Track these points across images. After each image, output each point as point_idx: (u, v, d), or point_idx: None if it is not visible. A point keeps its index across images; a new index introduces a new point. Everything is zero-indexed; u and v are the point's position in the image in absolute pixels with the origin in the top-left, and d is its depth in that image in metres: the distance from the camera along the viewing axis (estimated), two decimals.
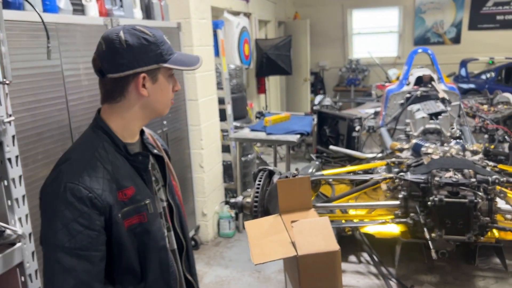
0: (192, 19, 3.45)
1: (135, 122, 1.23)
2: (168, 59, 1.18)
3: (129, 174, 1.19)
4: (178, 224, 1.39)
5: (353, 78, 8.73)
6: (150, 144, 1.33)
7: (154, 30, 1.19)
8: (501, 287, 1.89)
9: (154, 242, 1.22)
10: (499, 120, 3.19)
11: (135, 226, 1.18)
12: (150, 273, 1.22)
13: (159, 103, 1.22)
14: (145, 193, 1.22)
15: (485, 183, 1.81)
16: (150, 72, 1.17)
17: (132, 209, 1.17)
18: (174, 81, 1.24)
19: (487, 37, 8.42)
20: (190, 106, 3.56)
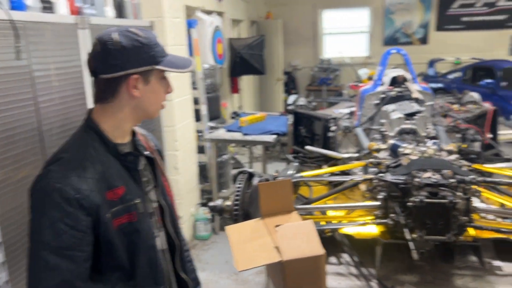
0: (166, 18, 3.38)
1: (126, 123, 1.24)
2: (161, 61, 1.19)
3: (119, 174, 1.21)
4: (170, 225, 1.40)
5: (325, 78, 8.81)
6: (141, 146, 1.33)
7: (148, 33, 1.21)
8: (479, 284, 1.92)
9: (144, 241, 1.24)
10: (470, 119, 3.27)
11: (124, 225, 1.19)
12: (139, 271, 1.24)
13: (150, 105, 1.23)
14: (135, 193, 1.23)
15: (463, 183, 1.84)
16: (143, 74, 1.18)
17: (122, 209, 1.18)
18: (167, 83, 1.25)
19: (453, 37, 8.66)
20: None
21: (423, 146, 2.32)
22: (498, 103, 6.02)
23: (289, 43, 8.87)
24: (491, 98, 6.34)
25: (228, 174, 4.91)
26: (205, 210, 4.06)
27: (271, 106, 8.09)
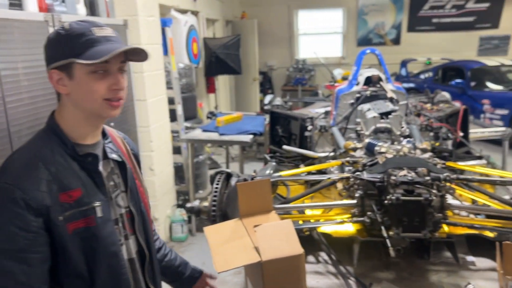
0: (140, 16, 3.33)
1: (78, 123, 1.17)
2: (81, 53, 1.08)
3: (77, 176, 1.14)
4: (141, 233, 1.34)
5: (300, 78, 8.87)
6: (110, 148, 1.27)
7: (76, 23, 1.12)
8: (453, 279, 1.96)
9: (103, 248, 1.17)
10: (442, 118, 3.34)
11: (81, 230, 1.13)
12: (98, 280, 1.18)
13: (84, 102, 1.14)
14: (94, 196, 1.16)
15: (437, 180, 1.87)
16: (63, 68, 1.11)
17: (78, 212, 1.12)
18: (110, 77, 1.13)
19: (424, 38, 8.87)
20: (138, 107, 3.42)
21: (398, 145, 2.35)
22: (467, 102, 6.20)
23: (264, 43, 8.89)
24: (461, 97, 6.53)
25: (204, 174, 4.87)
26: (181, 211, 4.02)
27: (247, 106, 8.09)
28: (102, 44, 1.11)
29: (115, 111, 1.18)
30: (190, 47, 5.55)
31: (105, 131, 1.30)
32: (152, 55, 3.55)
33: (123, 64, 1.17)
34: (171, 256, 1.61)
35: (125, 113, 3.26)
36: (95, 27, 1.12)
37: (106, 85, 1.13)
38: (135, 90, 3.36)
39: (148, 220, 1.40)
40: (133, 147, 1.45)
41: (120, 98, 1.17)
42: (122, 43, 1.17)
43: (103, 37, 1.11)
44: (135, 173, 1.38)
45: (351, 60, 8.99)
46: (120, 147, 1.37)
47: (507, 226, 2.04)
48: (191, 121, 4.83)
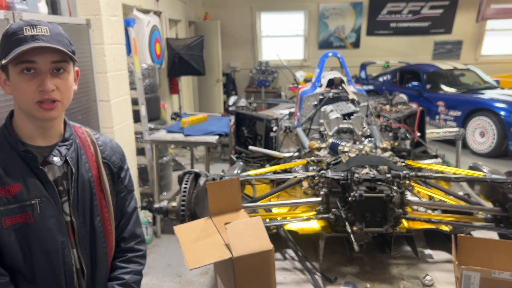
0: (103, 16, 3.27)
1: (23, 123, 1.18)
2: (7, 53, 1.09)
3: (19, 172, 1.15)
4: (85, 247, 1.28)
5: (263, 80, 8.96)
6: (58, 151, 1.22)
7: (17, 23, 1.12)
8: (413, 272, 2.06)
9: (40, 245, 1.18)
10: (400, 119, 3.49)
11: (19, 226, 1.14)
12: (38, 276, 1.20)
13: (19, 102, 1.15)
14: (35, 193, 1.16)
15: (397, 178, 1.97)
16: (3, 69, 1.14)
17: (16, 208, 1.14)
18: (37, 78, 1.11)
19: (382, 42, 9.18)
20: (102, 107, 3.36)
21: (360, 144, 2.44)
22: (423, 104, 6.49)
23: (227, 45, 8.91)
24: (417, 99, 6.81)
25: (168, 176, 4.84)
26: (145, 213, 3.97)
27: (211, 107, 8.09)
28: (27, 43, 1.08)
29: (49, 114, 1.14)
30: (153, 48, 5.50)
31: (66, 134, 1.26)
32: (115, 55, 3.52)
33: (58, 64, 1.13)
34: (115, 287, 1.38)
35: (88, 114, 3.20)
36: (29, 26, 1.10)
37: (34, 86, 1.11)
38: (98, 90, 3.31)
39: (104, 237, 1.32)
40: (110, 156, 1.37)
41: (53, 100, 1.13)
42: (56, 42, 1.12)
43: (31, 36, 1.09)
44: (99, 184, 1.31)
45: (312, 62, 9.17)
46: (88, 153, 1.31)
47: (461, 220, 2.17)
48: (154, 122, 4.79)
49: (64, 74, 1.16)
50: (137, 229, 1.46)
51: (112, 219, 1.36)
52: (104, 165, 1.34)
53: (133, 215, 1.45)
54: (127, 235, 1.42)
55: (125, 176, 1.42)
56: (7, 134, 1.18)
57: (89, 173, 1.29)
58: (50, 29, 1.13)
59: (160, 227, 4.06)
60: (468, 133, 6.28)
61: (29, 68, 1.10)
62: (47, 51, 1.10)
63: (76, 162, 1.26)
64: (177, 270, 3.52)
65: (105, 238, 1.33)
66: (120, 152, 1.43)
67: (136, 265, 1.42)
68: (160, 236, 4.05)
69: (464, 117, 6.33)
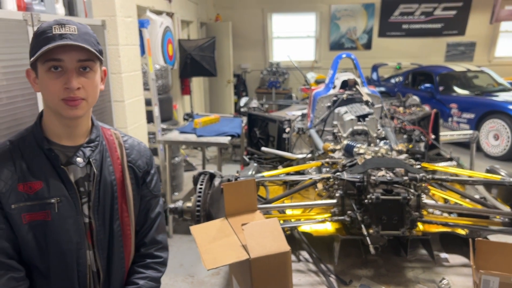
0: (118, 17, 3.30)
1: (51, 121, 1.20)
2: (36, 51, 1.11)
3: (42, 169, 1.17)
4: (103, 251, 1.28)
5: (274, 81, 8.95)
6: (83, 152, 1.23)
7: (47, 22, 1.14)
8: (428, 275, 2.04)
9: (56, 244, 1.19)
10: (414, 121, 3.46)
11: (37, 223, 1.16)
12: (53, 275, 1.21)
13: (46, 100, 1.17)
14: (55, 192, 1.17)
15: (414, 180, 1.95)
16: (33, 67, 1.15)
17: (36, 205, 1.15)
18: (64, 76, 1.12)
19: (394, 44, 9.12)
20: (116, 108, 3.39)
21: (376, 146, 2.43)
22: (436, 106, 6.43)
23: (238, 46, 8.93)
24: (430, 101, 6.75)
25: (180, 176, 4.86)
26: None
27: (222, 108, 8.10)
28: (55, 41, 1.09)
29: (73, 111, 1.15)
30: (165, 49, 5.52)
31: (92, 136, 1.26)
32: (130, 56, 3.55)
33: (85, 63, 1.14)
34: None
35: (103, 114, 3.22)
36: (58, 25, 1.12)
37: (61, 84, 1.12)
38: (113, 90, 3.33)
39: (122, 242, 1.31)
40: (136, 160, 1.35)
41: (76, 98, 1.14)
42: (84, 41, 1.13)
43: (59, 34, 1.10)
44: (121, 187, 1.30)
45: (323, 64, 9.15)
46: (113, 156, 1.30)
47: (478, 223, 2.15)
48: (166, 122, 4.81)
49: (90, 73, 1.16)
50: (159, 235, 1.44)
51: (132, 224, 1.34)
52: (129, 169, 1.32)
53: (156, 221, 1.42)
54: (148, 240, 1.39)
55: (151, 180, 1.39)
56: (35, 131, 1.20)
57: (112, 176, 1.27)
58: (78, 28, 1.14)
59: (172, 227, 4.08)
60: (481, 135, 6.21)
61: (56, 66, 1.11)
62: (74, 50, 1.11)
63: (100, 164, 1.25)
64: (189, 270, 3.53)
65: (123, 243, 1.32)
66: (147, 156, 1.39)
67: (154, 272, 1.40)
68: (172, 236, 4.07)
69: (478, 119, 6.27)
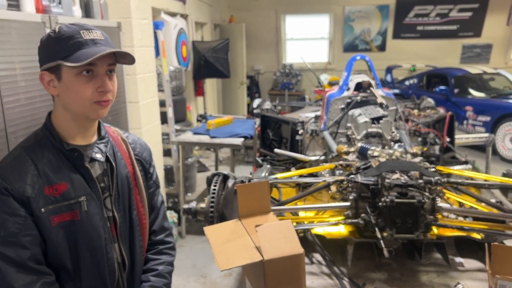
0: (133, 19, 3.33)
1: (67, 123, 1.21)
2: (67, 56, 1.12)
3: (64, 171, 1.19)
4: (125, 241, 1.34)
5: (287, 83, 8.95)
6: (98, 148, 1.28)
7: (66, 26, 1.15)
8: (443, 279, 2.02)
9: (87, 241, 1.21)
10: (429, 124, 3.43)
11: (66, 223, 1.18)
12: (83, 273, 1.22)
13: (72, 103, 1.17)
14: (81, 191, 1.20)
15: (429, 183, 1.93)
16: (52, 70, 1.15)
17: (64, 206, 1.17)
18: (96, 80, 1.16)
19: (409, 45, 9.05)
20: (130, 109, 3.42)
21: (390, 149, 2.41)
22: (451, 108, 6.36)
23: (251, 48, 8.95)
24: (444, 104, 6.68)
25: (193, 177, 4.88)
26: (171, 214, 4.02)
27: (235, 109, 8.12)
28: (89, 47, 1.13)
29: (102, 112, 1.20)
30: (179, 50, 5.56)
31: (102, 132, 1.31)
32: (145, 58, 3.58)
33: (111, 67, 1.19)
34: (147, 282, 1.41)
35: (118, 115, 3.26)
36: (84, 30, 1.15)
37: (93, 87, 1.15)
38: (128, 92, 3.37)
39: (140, 231, 1.38)
40: (142, 152, 1.44)
41: (108, 100, 1.19)
42: (110, 46, 1.18)
43: (91, 40, 1.14)
44: (134, 179, 1.37)
45: (337, 65, 9.12)
46: (121, 150, 1.37)
47: (494, 228, 2.12)
48: (180, 123, 4.84)
49: (114, 76, 1.22)
50: (165, 222, 1.52)
51: (146, 213, 1.42)
52: (137, 162, 1.40)
53: (161, 209, 1.51)
54: (157, 228, 1.47)
55: (153, 172, 1.48)
56: (49, 134, 1.21)
57: (125, 169, 1.34)
58: (102, 33, 1.19)
59: (185, 228, 4.10)
60: (497, 139, 6.12)
61: (88, 70, 1.14)
62: (104, 55, 1.14)
63: (114, 158, 1.32)
64: (202, 271, 3.55)
65: (141, 232, 1.39)
66: (148, 149, 1.49)
67: (168, 257, 1.48)
68: (185, 236, 4.09)
69: (494, 122, 6.18)
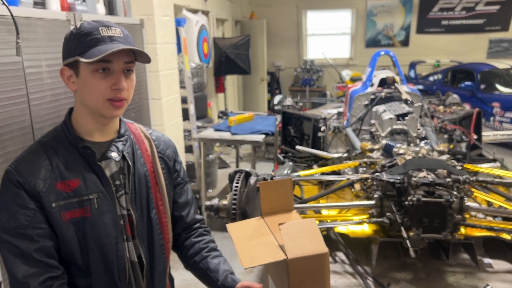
0: (155, 16, 3.34)
1: (85, 119, 1.21)
2: (84, 52, 1.11)
3: (78, 167, 1.19)
4: (143, 240, 1.31)
5: (308, 79, 8.86)
6: (116, 147, 1.26)
7: (88, 23, 1.15)
8: (470, 281, 1.97)
9: (97, 239, 1.21)
10: (455, 120, 3.35)
11: (77, 220, 1.18)
12: (93, 270, 1.22)
13: (88, 100, 1.17)
14: (93, 188, 1.20)
15: (457, 182, 1.88)
16: (71, 66, 1.15)
17: (75, 202, 1.17)
18: (111, 77, 1.14)
19: (433, 40, 8.84)
20: (153, 105, 3.44)
21: (416, 146, 2.36)
22: (477, 105, 6.19)
23: (272, 44, 8.89)
24: (470, 100, 6.51)
25: (214, 173, 4.89)
26: None
27: (255, 106, 8.10)
28: (105, 43, 1.12)
29: (116, 112, 1.18)
30: (200, 47, 5.57)
31: (121, 130, 1.29)
32: (167, 55, 3.59)
33: (129, 65, 1.17)
34: (207, 257, 1.42)
35: (140, 112, 3.28)
36: (104, 27, 1.14)
37: (108, 84, 1.14)
38: (150, 88, 3.39)
39: (160, 230, 1.35)
40: (165, 150, 1.40)
41: (122, 99, 1.17)
42: (128, 44, 1.16)
43: (108, 37, 1.13)
44: (154, 177, 1.34)
45: (359, 61, 8.99)
46: (142, 148, 1.34)
47: None
48: (201, 120, 4.85)
49: (131, 75, 1.20)
50: (198, 215, 1.52)
51: (167, 212, 1.39)
52: (160, 159, 1.38)
53: (193, 203, 1.50)
54: (190, 220, 1.47)
55: (180, 168, 1.45)
56: (66, 130, 1.22)
57: (144, 168, 1.32)
58: (121, 30, 1.17)
59: (206, 224, 4.11)
60: None
61: (104, 68, 1.13)
62: (121, 52, 1.13)
63: (132, 157, 1.30)
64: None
65: (161, 230, 1.37)
66: (173, 145, 1.46)
67: (209, 237, 1.48)
68: None
69: None
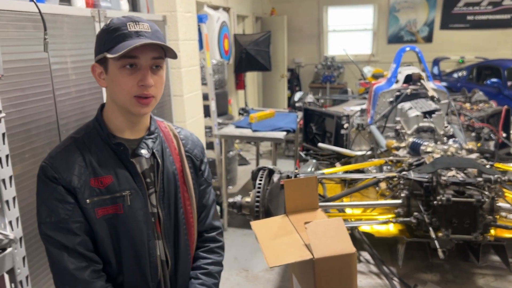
0: (178, 12, 3.34)
1: (115, 116, 1.20)
2: (111, 47, 1.10)
3: (110, 164, 1.18)
4: (169, 239, 1.30)
5: (329, 75, 8.78)
6: (146, 144, 1.25)
7: (117, 19, 1.14)
8: (501, 284, 1.90)
9: (129, 236, 1.20)
10: (483, 118, 3.25)
11: (110, 216, 1.18)
12: (125, 267, 1.22)
13: (116, 96, 1.16)
14: (126, 185, 1.19)
15: (489, 182, 1.82)
16: (101, 62, 1.15)
17: (108, 199, 1.17)
18: (138, 73, 1.13)
19: (457, 36, 8.64)
20: (175, 102, 3.45)
21: (445, 145, 2.30)
22: (503, 102, 6.02)
23: (293, 40, 8.84)
24: (496, 97, 6.33)
25: (234, 170, 4.89)
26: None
27: (275, 102, 8.06)
28: (132, 38, 1.10)
29: (143, 109, 1.16)
30: (221, 43, 5.56)
31: (151, 128, 1.28)
32: (189, 51, 3.59)
33: (157, 61, 1.15)
34: (196, 281, 1.38)
35: (163, 108, 3.29)
36: (132, 22, 1.12)
37: (134, 81, 1.12)
38: (172, 85, 3.39)
39: (186, 230, 1.35)
40: (193, 149, 1.39)
41: (149, 96, 1.15)
42: (156, 39, 1.14)
43: (135, 32, 1.11)
44: (182, 177, 1.33)
45: (381, 57, 8.85)
46: (171, 146, 1.33)
47: None
48: (222, 117, 4.85)
49: (160, 71, 1.18)
50: (216, 221, 1.49)
51: (194, 212, 1.38)
52: (187, 158, 1.36)
53: (213, 207, 1.48)
54: (208, 227, 1.45)
55: (205, 169, 1.44)
56: (98, 127, 1.22)
57: (173, 166, 1.31)
58: (150, 25, 1.15)
59: (227, 220, 4.11)
60: None
61: (131, 64, 1.12)
62: (148, 48, 1.12)
63: (161, 155, 1.29)
64: (243, 264, 3.54)
65: (187, 231, 1.35)
66: (201, 145, 1.44)
67: (217, 256, 1.45)
68: (227, 229, 4.10)
69: None
